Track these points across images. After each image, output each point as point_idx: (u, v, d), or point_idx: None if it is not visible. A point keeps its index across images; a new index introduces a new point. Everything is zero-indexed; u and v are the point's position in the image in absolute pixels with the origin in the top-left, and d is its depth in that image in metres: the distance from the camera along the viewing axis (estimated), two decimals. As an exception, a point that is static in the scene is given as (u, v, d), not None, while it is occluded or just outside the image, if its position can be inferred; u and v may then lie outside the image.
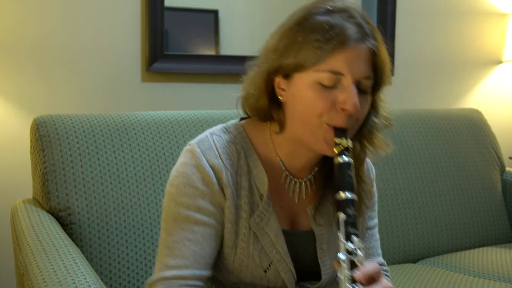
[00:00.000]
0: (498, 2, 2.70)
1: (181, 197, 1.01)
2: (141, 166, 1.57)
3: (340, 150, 0.96)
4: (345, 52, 0.93)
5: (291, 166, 1.07)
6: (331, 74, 0.94)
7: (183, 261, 0.99)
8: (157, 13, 2.05)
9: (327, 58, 0.93)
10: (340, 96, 0.95)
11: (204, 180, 1.01)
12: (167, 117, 1.68)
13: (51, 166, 1.48)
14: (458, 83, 2.69)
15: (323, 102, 0.95)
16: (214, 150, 1.03)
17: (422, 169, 2.04)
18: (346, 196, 0.94)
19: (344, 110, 0.95)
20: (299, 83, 0.97)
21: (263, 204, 1.04)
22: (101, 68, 2.03)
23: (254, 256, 1.04)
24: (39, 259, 1.12)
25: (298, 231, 1.09)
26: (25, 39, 1.93)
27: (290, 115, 1.01)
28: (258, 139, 1.08)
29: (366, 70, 0.96)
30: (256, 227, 1.03)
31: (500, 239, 2.14)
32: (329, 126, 0.96)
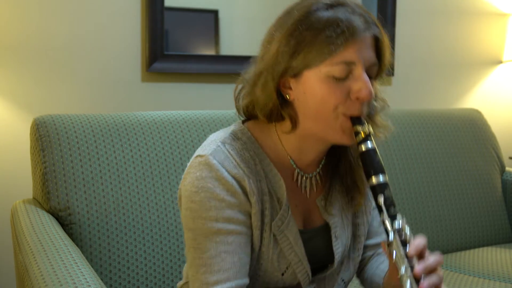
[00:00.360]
0: (498, 2, 2.70)
1: (208, 212, 0.98)
2: (141, 166, 1.57)
3: (361, 138, 0.97)
4: (355, 42, 0.95)
5: (300, 162, 1.07)
6: (343, 66, 0.95)
7: (224, 275, 0.97)
8: (157, 13, 2.05)
9: (340, 51, 0.94)
10: (354, 85, 0.96)
11: (229, 191, 0.99)
12: (167, 117, 1.68)
13: (51, 166, 1.48)
14: (458, 83, 2.69)
15: (337, 94, 0.96)
16: (232, 160, 1.00)
17: (422, 169, 2.04)
18: (379, 180, 0.96)
19: (358, 99, 0.96)
20: (309, 80, 0.97)
21: (283, 209, 1.03)
22: (101, 68, 2.03)
23: (273, 260, 1.03)
24: (39, 259, 1.12)
25: (312, 229, 1.10)
26: (25, 39, 1.93)
27: (302, 112, 1.01)
28: (267, 141, 1.07)
29: (373, 56, 0.99)
30: (277, 230, 1.03)
31: (500, 239, 2.14)
32: (345, 116, 0.97)
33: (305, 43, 0.95)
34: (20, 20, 1.92)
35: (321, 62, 0.95)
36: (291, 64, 0.97)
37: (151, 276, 1.51)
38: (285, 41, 0.97)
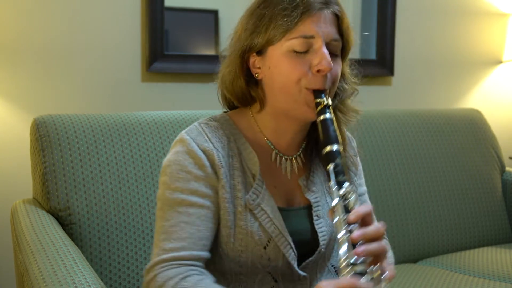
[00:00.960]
0: (498, 2, 2.70)
1: (175, 183, 1.03)
2: (141, 166, 1.57)
3: (321, 108, 1.01)
4: (312, 16, 1.00)
5: (278, 144, 1.11)
6: (302, 39, 1.00)
7: (180, 243, 1.00)
8: (157, 13, 2.05)
9: (297, 25, 0.99)
10: (314, 59, 1.01)
11: (197, 164, 1.04)
12: (167, 117, 1.68)
13: (51, 166, 1.48)
14: (458, 83, 2.69)
15: (299, 67, 1.01)
16: (204, 135, 1.06)
17: (422, 169, 2.04)
18: (332, 148, 0.98)
19: (319, 71, 1.01)
20: (273, 55, 1.03)
21: (256, 183, 1.07)
22: (101, 68, 2.03)
23: (253, 233, 1.05)
24: (39, 259, 1.12)
25: (294, 207, 1.12)
26: (25, 39, 1.93)
27: (269, 89, 1.06)
28: (244, 123, 1.12)
29: (334, 32, 1.03)
30: (252, 204, 1.06)
31: (500, 239, 2.14)
32: (308, 90, 1.02)
33: (265, 19, 1.02)
34: (20, 20, 1.92)
35: (281, 37, 1.01)
36: (253, 40, 1.03)
37: None
38: (246, 21, 1.05)
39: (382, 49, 2.46)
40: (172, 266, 0.99)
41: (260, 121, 1.11)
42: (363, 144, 1.95)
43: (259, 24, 1.03)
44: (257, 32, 1.03)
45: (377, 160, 1.96)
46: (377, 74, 2.46)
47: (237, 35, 1.08)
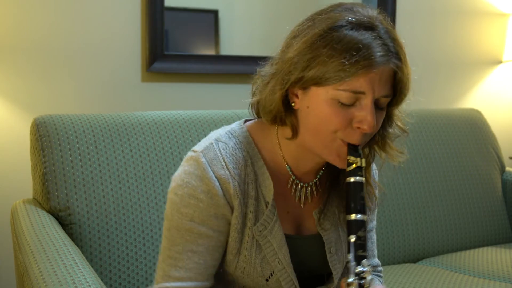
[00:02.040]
0: (498, 2, 2.70)
1: (185, 208, 0.99)
2: (141, 166, 1.57)
3: (352, 168, 0.96)
4: (369, 74, 0.92)
5: (297, 170, 1.07)
6: (351, 94, 0.93)
7: (186, 273, 0.99)
8: (157, 13, 2.05)
9: (351, 79, 0.92)
10: (358, 114, 0.94)
11: (210, 192, 0.99)
12: (167, 117, 1.68)
13: (51, 166, 1.48)
14: (458, 83, 2.69)
15: (339, 119, 0.94)
16: (221, 160, 1.00)
17: (422, 169, 2.04)
18: (356, 217, 0.94)
19: (359, 128, 0.95)
20: (316, 96, 0.95)
21: (268, 212, 1.03)
22: (101, 68, 2.03)
23: (256, 264, 1.03)
24: (39, 259, 1.12)
25: (304, 235, 1.08)
26: (25, 39, 1.93)
27: (303, 125, 1.00)
28: (265, 143, 1.06)
29: (387, 89, 0.95)
30: (259, 235, 1.02)
31: (500, 239, 2.14)
32: (343, 141, 0.96)
33: (320, 60, 0.93)
34: (20, 20, 1.92)
35: (330, 84, 0.93)
36: (302, 76, 0.95)
37: (151, 276, 1.51)
38: (301, 52, 0.95)
39: (382, 49, 2.45)
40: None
41: (284, 145, 1.05)
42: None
43: (312, 63, 0.93)
44: (308, 69, 0.94)
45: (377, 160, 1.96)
46: (377, 74, 2.46)
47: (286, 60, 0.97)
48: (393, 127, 1.04)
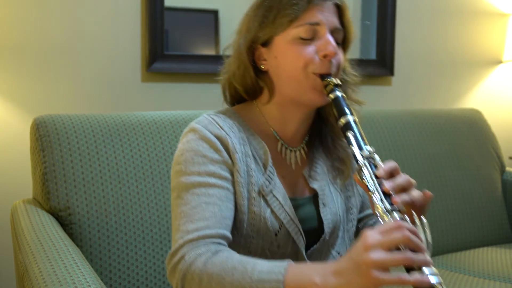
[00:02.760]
0: (498, 2, 2.70)
1: (191, 168, 1.03)
2: (141, 166, 1.57)
3: (330, 88, 1.04)
4: (316, 5, 1.05)
5: (284, 134, 1.14)
6: (308, 26, 1.04)
7: (204, 223, 0.98)
8: (157, 13, 2.05)
9: (303, 13, 1.04)
10: (320, 44, 1.05)
11: (212, 147, 1.05)
12: (167, 117, 1.68)
13: (51, 166, 1.48)
14: (458, 83, 2.69)
15: (305, 53, 1.04)
16: (215, 124, 1.08)
17: (422, 169, 2.04)
18: (347, 119, 1.01)
19: (326, 56, 1.04)
20: (279, 44, 1.06)
21: (269, 171, 1.09)
22: (101, 68, 2.03)
23: (266, 219, 1.06)
24: (39, 259, 1.12)
25: (300, 197, 1.13)
26: (25, 39, 1.93)
27: (277, 78, 1.09)
28: (250, 116, 1.14)
29: (337, 22, 1.08)
30: (265, 190, 1.07)
31: (500, 239, 2.14)
32: (315, 75, 1.05)
33: (272, 10, 1.06)
34: (20, 20, 1.92)
35: (287, 26, 1.04)
36: (260, 32, 1.07)
37: (151, 276, 1.52)
38: (254, 13, 1.09)
39: (382, 49, 2.46)
40: (200, 244, 0.96)
41: (266, 112, 1.13)
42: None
43: (267, 14, 1.06)
44: (265, 23, 1.06)
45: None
46: (377, 74, 2.46)
47: (244, 28, 1.11)
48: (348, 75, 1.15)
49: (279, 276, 0.85)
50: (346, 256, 0.83)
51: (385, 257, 0.79)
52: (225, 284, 0.89)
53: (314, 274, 0.84)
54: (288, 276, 0.85)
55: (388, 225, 0.83)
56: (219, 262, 0.91)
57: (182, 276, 0.93)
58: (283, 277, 0.85)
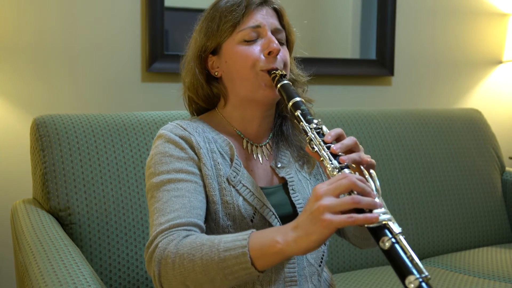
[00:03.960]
0: (498, 2, 2.70)
1: (160, 168, 1.09)
2: (141, 166, 1.57)
3: (277, 78, 1.10)
4: (255, 10, 1.14)
5: (247, 132, 1.20)
6: (250, 29, 1.13)
7: (175, 214, 1.03)
8: (157, 13, 2.05)
9: (243, 18, 1.13)
10: (263, 43, 1.13)
11: (177, 147, 1.11)
12: (167, 117, 1.68)
13: (51, 166, 1.48)
14: (458, 83, 2.69)
15: (251, 53, 1.12)
16: (179, 127, 1.14)
17: (422, 169, 2.04)
18: (295, 100, 1.08)
19: (270, 53, 1.12)
20: (227, 50, 1.15)
21: (235, 163, 1.14)
22: (101, 68, 2.03)
23: (239, 207, 1.10)
24: (39, 259, 1.12)
25: (271, 186, 1.18)
26: (25, 39, 1.93)
27: (229, 81, 1.16)
28: (214, 121, 1.21)
29: (277, 23, 1.16)
30: (234, 181, 1.12)
31: (500, 239, 2.14)
32: (263, 71, 1.12)
33: (214, 20, 1.15)
34: (20, 20, 1.92)
35: (231, 31, 1.13)
36: (207, 42, 1.16)
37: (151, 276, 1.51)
38: (199, 27, 1.19)
39: (382, 49, 2.46)
40: (171, 232, 1.00)
41: (227, 115, 1.20)
42: (363, 144, 1.95)
43: (211, 24, 1.15)
44: (210, 32, 1.15)
45: (377, 160, 1.96)
46: (377, 74, 2.46)
47: (192, 42, 1.20)
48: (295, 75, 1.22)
49: (243, 242, 0.91)
50: (302, 211, 0.90)
51: (334, 201, 0.86)
52: (195, 260, 0.93)
53: (275, 233, 0.90)
54: (251, 240, 0.91)
55: (336, 177, 0.90)
56: (189, 242, 0.96)
57: (157, 263, 0.97)
58: (247, 242, 0.90)
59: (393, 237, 0.84)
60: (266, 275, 1.11)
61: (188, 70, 1.20)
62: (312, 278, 1.16)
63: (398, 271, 0.82)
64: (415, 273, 0.80)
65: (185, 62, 1.22)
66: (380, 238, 0.85)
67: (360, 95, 2.44)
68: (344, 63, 2.39)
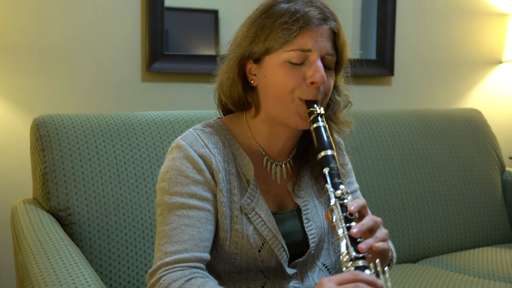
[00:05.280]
0: (498, 2, 2.70)
1: (174, 188, 1.06)
2: (141, 166, 1.57)
3: (314, 117, 1.05)
4: (310, 31, 1.04)
5: (270, 150, 1.15)
6: (299, 52, 1.05)
7: (182, 246, 1.02)
8: (157, 13, 2.05)
9: (294, 38, 1.04)
10: (308, 71, 1.05)
11: (195, 168, 1.07)
12: (167, 117, 1.68)
13: (51, 166, 1.48)
14: (458, 83, 2.69)
15: (293, 78, 1.05)
16: (200, 141, 1.09)
17: (422, 169, 2.04)
18: (326, 153, 1.02)
19: (313, 84, 1.05)
20: (269, 64, 1.07)
21: (251, 189, 1.10)
22: (101, 68, 2.03)
23: (249, 236, 1.08)
24: (39, 259, 1.12)
25: (285, 211, 1.15)
26: (25, 39, 1.93)
27: (264, 96, 1.10)
28: (237, 129, 1.15)
29: (329, 47, 1.07)
30: (247, 208, 1.09)
31: (500, 239, 2.14)
32: (300, 100, 1.06)
33: (265, 29, 1.06)
34: (20, 20, 1.92)
35: (279, 48, 1.05)
36: (252, 48, 1.08)
37: (151, 276, 1.51)
38: (247, 29, 1.09)
39: (382, 49, 2.46)
40: (176, 269, 0.99)
41: (253, 127, 1.15)
42: (363, 144, 1.95)
43: (259, 33, 1.07)
44: (257, 41, 1.07)
45: (377, 160, 1.96)
46: (377, 74, 2.46)
47: (236, 42, 1.12)
48: (341, 96, 1.16)
49: None
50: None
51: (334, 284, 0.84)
52: None
53: None
54: None
55: (345, 275, 0.87)
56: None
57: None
58: None
59: None
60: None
61: (225, 72, 1.14)
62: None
63: None
64: None
65: (225, 62, 1.15)
66: None
67: (360, 95, 2.44)
68: (344, 63, 2.39)
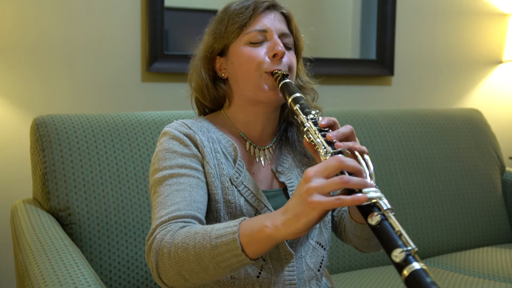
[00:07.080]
0: (498, 2, 2.70)
1: (163, 163, 1.10)
2: (141, 166, 1.57)
3: (280, 78, 1.12)
4: (262, 13, 1.16)
5: (251, 135, 1.21)
6: (256, 32, 1.15)
7: (175, 206, 1.03)
8: (157, 13, 2.05)
9: (250, 21, 1.15)
10: (269, 46, 1.15)
11: (182, 144, 1.12)
12: (167, 117, 1.68)
13: (51, 166, 1.48)
14: (458, 83, 2.69)
15: (256, 54, 1.14)
16: (184, 126, 1.16)
17: (422, 169, 2.04)
18: (295, 95, 1.09)
19: (275, 56, 1.13)
20: (233, 51, 1.16)
21: (238, 165, 1.15)
22: (101, 68, 2.03)
23: (241, 207, 1.12)
24: (39, 259, 1.12)
25: (272, 189, 1.19)
26: (25, 39, 1.93)
27: (234, 82, 1.18)
28: (218, 122, 1.22)
29: (284, 28, 1.18)
30: (236, 181, 1.13)
31: (500, 239, 2.14)
32: (267, 73, 1.13)
33: (222, 22, 1.18)
34: (20, 20, 1.92)
35: (238, 33, 1.15)
36: (215, 44, 1.18)
37: (151, 276, 1.52)
38: (209, 29, 1.21)
39: (382, 49, 2.46)
40: (170, 224, 1.00)
41: (231, 116, 1.21)
42: (363, 143, 1.95)
43: (219, 26, 1.18)
44: (218, 34, 1.18)
45: (377, 160, 1.96)
46: (377, 74, 2.46)
47: (201, 44, 1.22)
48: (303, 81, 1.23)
49: (233, 228, 0.91)
50: (293, 195, 0.89)
51: (323, 182, 0.86)
52: (189, 248, 0.93)
53: (265, 218, 0.90)
54: (242, 227, 0.91)
55: (329, 161, 0.89)
56: (184, 232, 0.96)
57: (155, 254, 0.98)
58: (237, 228, 0.91)
59: (382, 214, 0.83)
60: (266, 277, 1.11)
61: (194, 71, 1.22)
62: (310, 282, 1.16)
63: (385, 246, 0.81)
64: (402, 246, 0.79)
65: (193, 63, 1.24)
66: (368, 214, 0.84)
67: (360, 95, 2.44)
68: (344, 63, 2.39)
